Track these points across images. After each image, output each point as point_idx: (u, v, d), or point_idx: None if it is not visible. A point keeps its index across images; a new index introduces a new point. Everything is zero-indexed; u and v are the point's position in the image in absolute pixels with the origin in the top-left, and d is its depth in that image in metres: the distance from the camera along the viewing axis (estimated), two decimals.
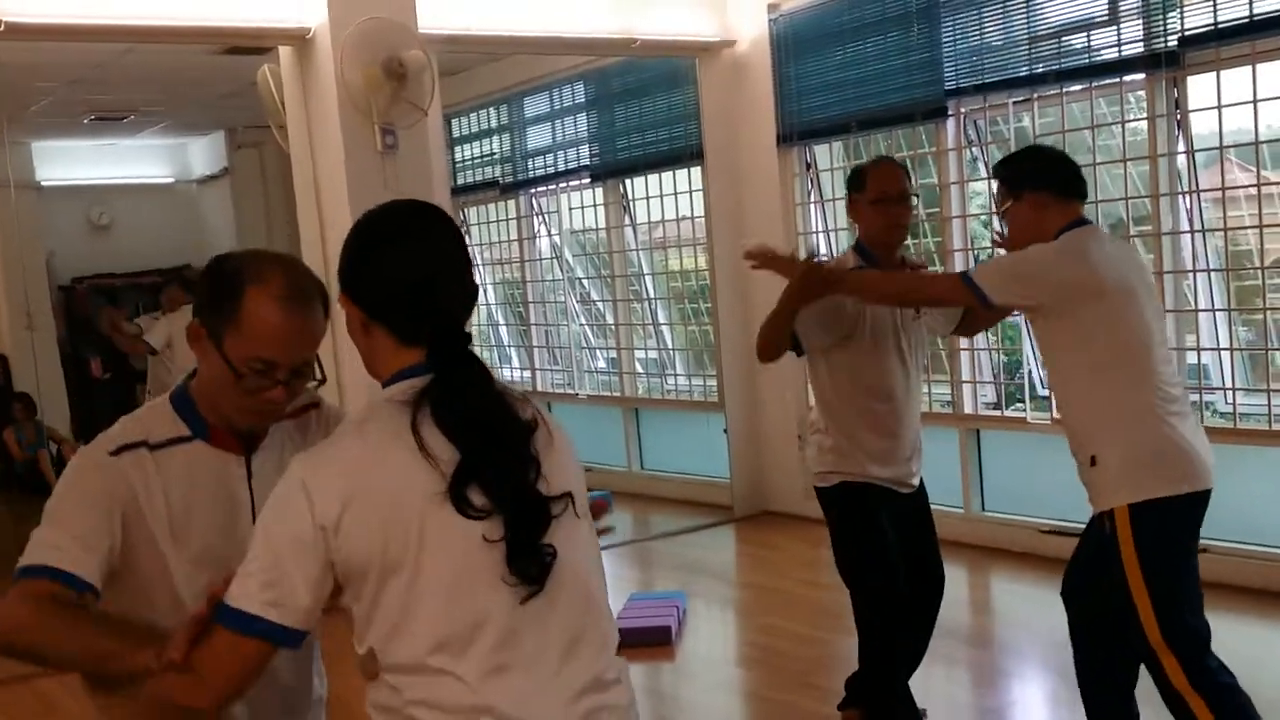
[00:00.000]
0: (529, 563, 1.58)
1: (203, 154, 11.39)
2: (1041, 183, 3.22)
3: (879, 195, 3.65)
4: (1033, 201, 3.21)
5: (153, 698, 1.61)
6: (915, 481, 3.77)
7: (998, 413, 6.22)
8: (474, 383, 1.63)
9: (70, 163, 10.87)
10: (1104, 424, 3.07)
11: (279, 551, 1.55)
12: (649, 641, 5.00)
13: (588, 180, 8.42)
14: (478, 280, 1.74)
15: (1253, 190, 5.18)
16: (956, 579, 5.71)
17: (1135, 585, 2.97)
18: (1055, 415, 3.39)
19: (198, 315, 1.84)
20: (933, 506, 3.85)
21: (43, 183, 10.74)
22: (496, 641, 1.57)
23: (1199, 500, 3.06)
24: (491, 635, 1.57)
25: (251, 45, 6.29)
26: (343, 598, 1.61)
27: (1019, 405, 6.14)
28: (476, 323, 10.00)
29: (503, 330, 10.06)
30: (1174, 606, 2.99)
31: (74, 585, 1.73)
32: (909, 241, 4.42)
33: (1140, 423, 3.03)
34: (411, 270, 1.65)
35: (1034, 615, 5.32)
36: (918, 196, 4.26)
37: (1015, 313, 4.24)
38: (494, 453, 1.59)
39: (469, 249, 1.76)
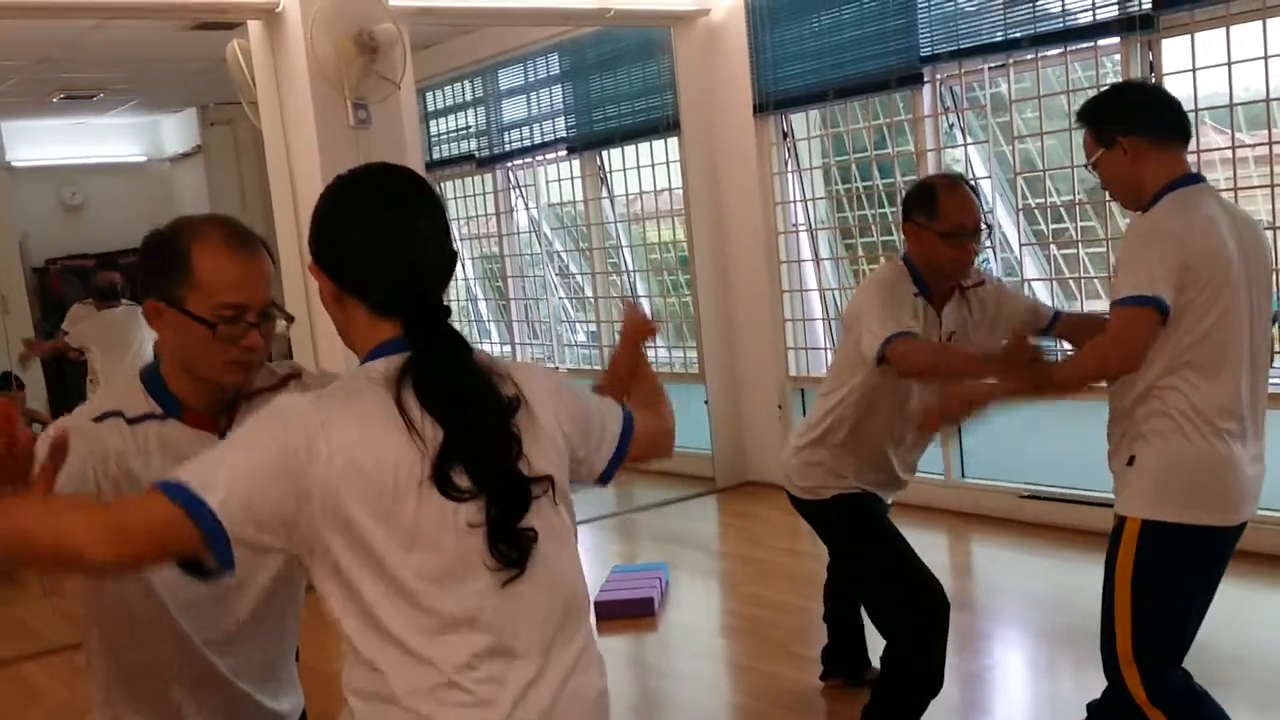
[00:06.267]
0: (510, 546, 1.53)
1: (175, 131, 11.29)
2: (1136, 126, 2.73)
3: (954, 228, 3.17)
4: (1127, 148, 2.74)
5: (45, 537, 1.43)
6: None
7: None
8: (455, 359, 1.56)
9: (41, 143, 10.76)
10: (1159, 425, 2.69)
11: (249, 467, 1.46)
12: (632, 613, 5.02)
13: (564, 153, 8.37)
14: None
15: (1227, 153, 5.19)
16: (937, 544, 5.75)
17: (1120, 598, 2.72)
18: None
19: (151, 294, 1.82)
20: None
21: (13, 163, 10.64)
22: (486, 635, 1.53)
23: (1225, 535, 2.73)
24: (480, 628, 1.52)
25: (220, 20, 6.23)
26: (311, 572, 1.54)
27: None
28: (455, 298, 9.98)
29: (482, 305, 10.02)
30: (1155, 632, 2.72)
31: None
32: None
33: (1197, 435, 2.66)
34: (385, 242, 1.57)
35: (1014, 579, 5.36)
36: (989, 229, 3.68)
37: None
38: (476, 432, 1.52)
39: (447, 215, 1.67)
